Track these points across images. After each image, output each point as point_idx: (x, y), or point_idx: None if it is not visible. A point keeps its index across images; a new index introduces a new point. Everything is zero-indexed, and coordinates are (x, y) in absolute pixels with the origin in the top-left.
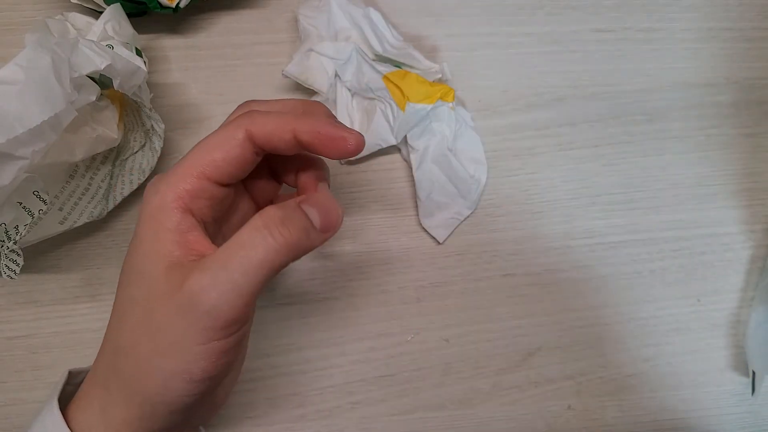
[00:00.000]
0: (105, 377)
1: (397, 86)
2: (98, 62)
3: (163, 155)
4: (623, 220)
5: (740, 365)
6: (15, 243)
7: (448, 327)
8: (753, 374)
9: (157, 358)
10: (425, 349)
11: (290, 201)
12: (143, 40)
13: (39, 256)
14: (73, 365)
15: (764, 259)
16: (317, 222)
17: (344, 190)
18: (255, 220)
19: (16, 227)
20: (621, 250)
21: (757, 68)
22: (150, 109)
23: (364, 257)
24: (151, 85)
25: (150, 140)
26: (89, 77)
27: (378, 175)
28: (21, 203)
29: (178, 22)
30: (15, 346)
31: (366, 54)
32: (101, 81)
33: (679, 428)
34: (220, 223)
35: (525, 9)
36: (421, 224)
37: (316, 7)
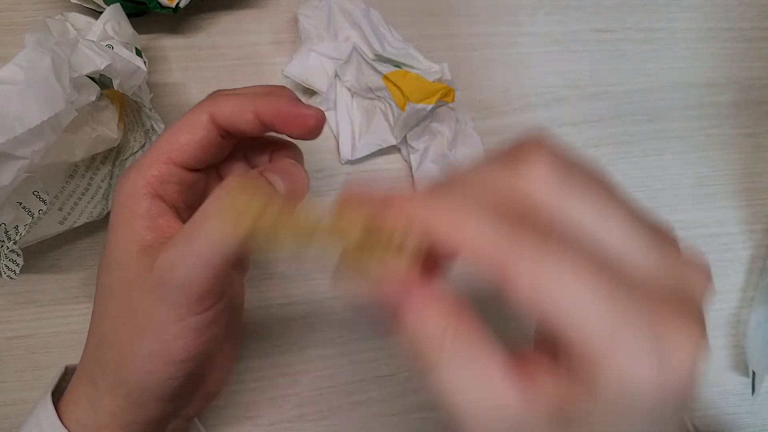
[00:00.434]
0: (91, 370)
1: (397, 86)
2: (98, 62)
3: None
4: None
5: (740, 365)
6: (15, 243)
7: None
8: (753, 374)
9: (137, 342)
10: None
11: (253, 170)
12: (143, 40)
13: (39, 256)
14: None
15: (764, 259)
16: (280, 187)
17: None
18: (216, 191)
19: (16, 227)
20: None
21: (757, 68)
22: (150, 109)
23: None
24: (151, 85)
25: (150, 140)
26: (89, 77)
27: (378, 175)
28: (21, 203)
29: (178, 22)
30: (15, 346)
31: (366, 54)
32: (101, 81)
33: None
34: (195, 210)
35: (525, 9)
36: None
37: (316, 7)
